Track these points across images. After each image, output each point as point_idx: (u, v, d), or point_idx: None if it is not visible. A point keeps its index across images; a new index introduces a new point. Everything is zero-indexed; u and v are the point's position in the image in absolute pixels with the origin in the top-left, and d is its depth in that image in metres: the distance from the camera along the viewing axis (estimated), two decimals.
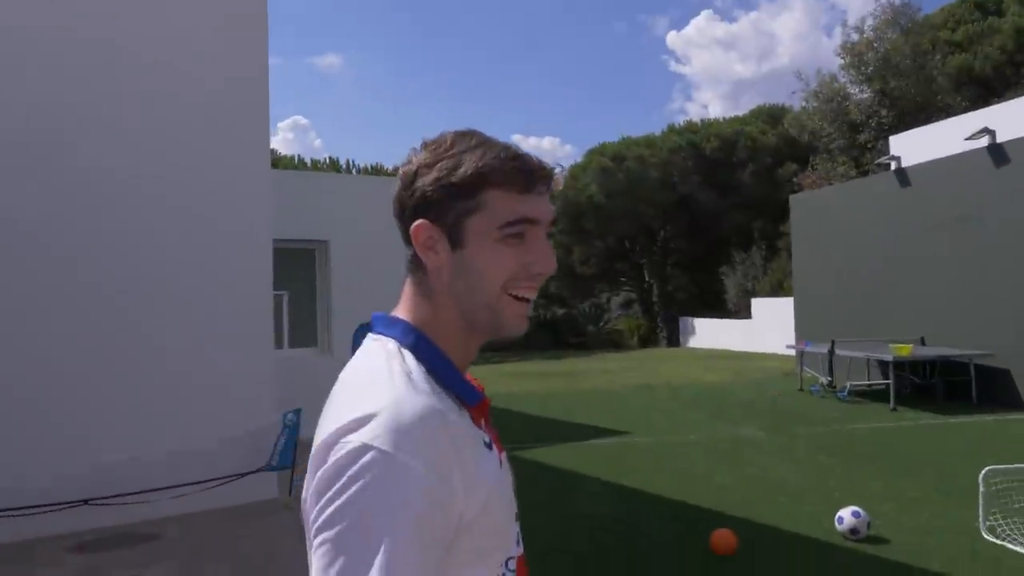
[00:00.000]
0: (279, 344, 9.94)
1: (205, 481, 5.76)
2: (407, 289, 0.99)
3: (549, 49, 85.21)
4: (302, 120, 74.66)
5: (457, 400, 0.90)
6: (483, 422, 0.94)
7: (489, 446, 0.91)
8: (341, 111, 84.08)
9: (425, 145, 0.97)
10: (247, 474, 5.92)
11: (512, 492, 0.98)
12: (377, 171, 24.93)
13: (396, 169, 1.00)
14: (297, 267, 9.92)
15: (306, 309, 9.99)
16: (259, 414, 6.25)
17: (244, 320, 6.33)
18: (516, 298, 0.94)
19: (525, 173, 0.92)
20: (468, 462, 0.84)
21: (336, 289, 9.64)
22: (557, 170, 0.97)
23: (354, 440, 0.79)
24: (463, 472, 0.82)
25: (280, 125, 68.62)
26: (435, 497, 0.79)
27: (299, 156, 28.72)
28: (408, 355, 0.91)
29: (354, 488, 0.77)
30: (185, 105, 6.15)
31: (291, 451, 5.91)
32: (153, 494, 5.56)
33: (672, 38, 73.77)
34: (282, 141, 64.13)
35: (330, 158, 24.70)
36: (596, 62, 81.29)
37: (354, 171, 25.91)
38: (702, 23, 71.10)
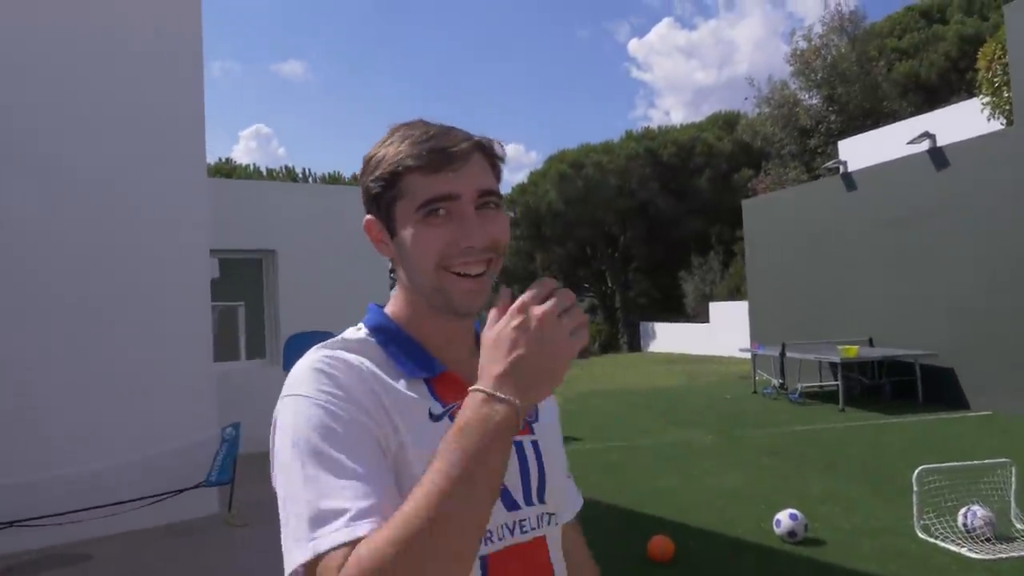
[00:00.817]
0: (236, 356, 9.79)
1: (140, 499, 5.63)
2: None
3: (513, 55, 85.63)
4: (264, 129, 74.12)
5: (408, 371, 0.97)
6: (450, 396, 0.96)
7: (436, 417, 0.94)
8: (304, 119, 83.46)
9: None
10: (185, 490, 5.80)
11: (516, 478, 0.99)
12: (335, 179, 24.65)
13: (354, 177, 1.05)
14: (250, 278, 9.78)
15: (258, 320, 9.86)
16: (198, 428, 6.13)
17: (181, 332, 6.21)
18: (458, 275, 0.95)
19: (436, 152, 0.94)
20: (381, 398, 0.91)
21: (284, 299, 9.51)
22: (489, 142, 1.00)
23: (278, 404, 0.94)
24: (372, 400, 0.90)
25: (242, 134, 67.90)
26: (331, 406, 0.87)
27: (254, 165, 28.34)
28: (363, 332, 1.02)
29: (271, 436, 0.92)
30: (116, 115, 6.02)
31: (230, 466, 5.79)
32: (85, 513, 5.40)
33: (634, 45, 74.64)
34: (244, 150, 63.46)
35: (286, 167, 24.41)
36: (560, 68, 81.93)
37: (311, 180, 25.65)
38: (663, 30, 72.20)
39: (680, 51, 72.46)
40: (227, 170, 24.56)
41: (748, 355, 14.62)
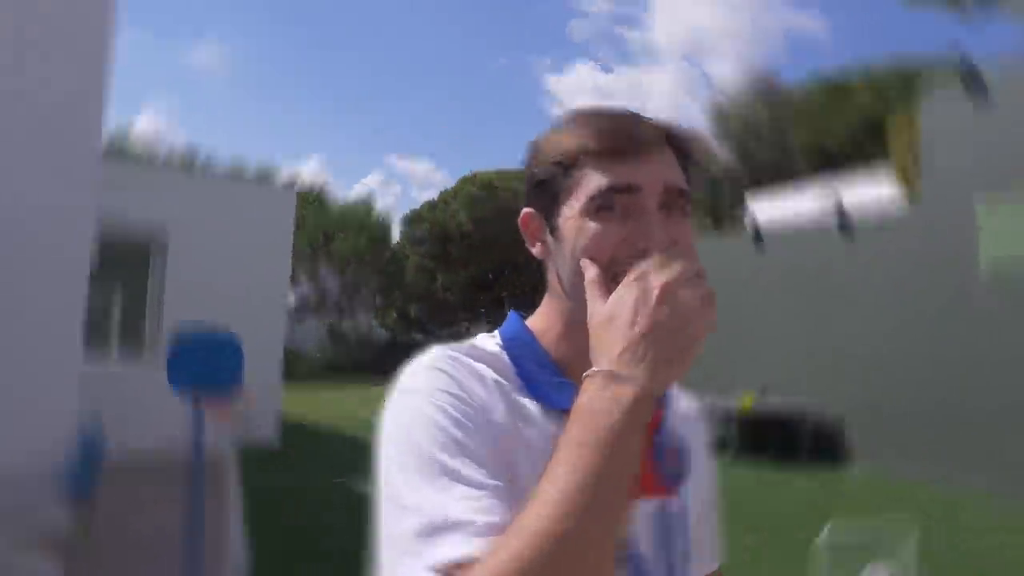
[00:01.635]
0: (107, 351, 8.84)
1: None
2: None
3: (430, 75, 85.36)
4: (168, 106, 70.58)
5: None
6: None
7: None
8: (211, 103, 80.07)
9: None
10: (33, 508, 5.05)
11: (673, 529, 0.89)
12: (237, 170, 23.55)
13: (258, 169, 0.71)
14: (133, 266, 8.93)
15: (136, 313, 9.00)
16: (57, 435, 5.38)
17: (45, 320, 5.48)
18: None
19: (620, 135, 0.81)
20: (505, 418, 0.80)
21: (170, 292, 8.74)
22: (686, 135, 0.86)
23: None
24: (494, 414, 0.79)
25: (143, 105, 64.27)
26: (452, 409, 0.76)
27: (153, 145, 26.83)
28: (496, 341, 0.91)
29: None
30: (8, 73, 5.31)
31: (88, 478, 5.08)
32: None
33: (552, 81, 75.89)
34: (144, 127, 59.82)
35: (186, 152, 23.18)
36: (479, 93, 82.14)
37: (213, 166, 24.51)
38: (582, 70, 73.67)
39: (597, 92, 74.22)
40: (120, 143, 23.10)
41: None
